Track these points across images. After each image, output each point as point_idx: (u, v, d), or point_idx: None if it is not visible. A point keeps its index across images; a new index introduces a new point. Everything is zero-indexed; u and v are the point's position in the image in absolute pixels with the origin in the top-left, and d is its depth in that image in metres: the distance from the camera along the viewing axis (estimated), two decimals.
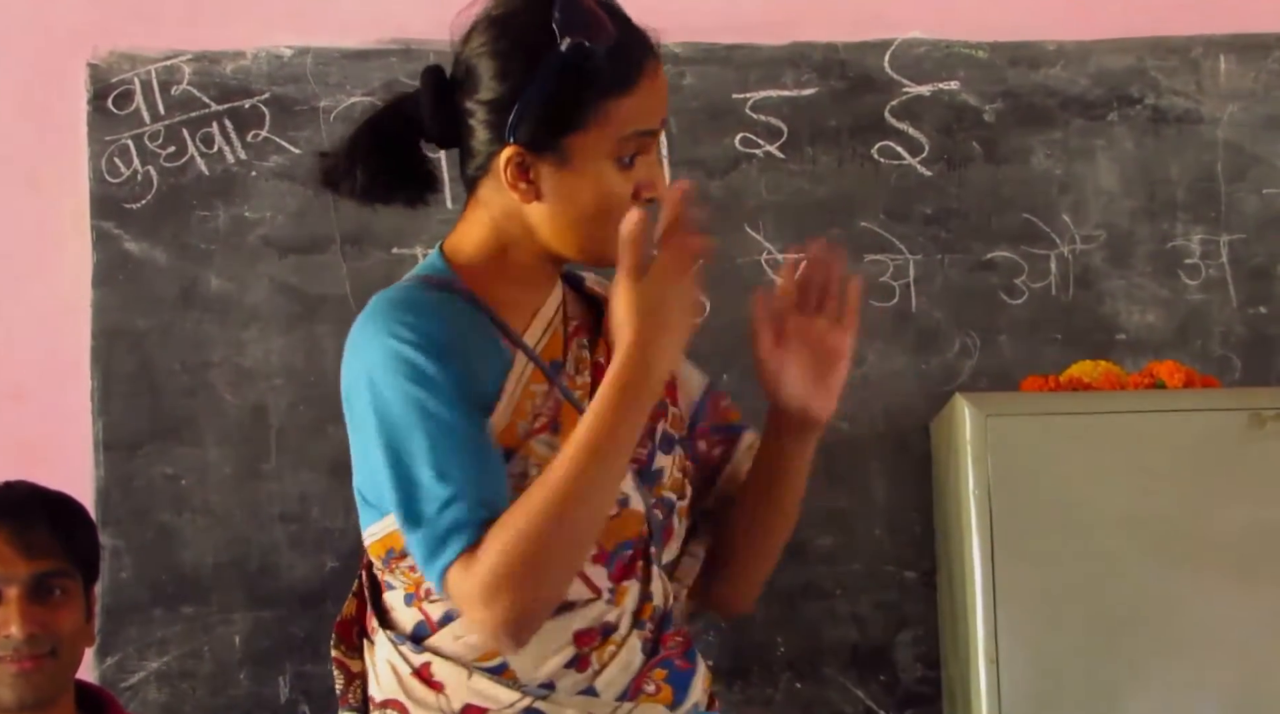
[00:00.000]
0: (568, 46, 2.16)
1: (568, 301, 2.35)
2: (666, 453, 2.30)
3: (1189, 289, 3.97)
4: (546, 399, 2.21)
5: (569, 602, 2.18)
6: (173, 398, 3.87)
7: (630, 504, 2.21)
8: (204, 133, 3.92)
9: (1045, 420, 3.49)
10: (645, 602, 2.24)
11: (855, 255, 3.93)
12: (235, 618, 3.84)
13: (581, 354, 2.29)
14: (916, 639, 3.88)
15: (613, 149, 2.17)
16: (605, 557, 2.19)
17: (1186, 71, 4.01)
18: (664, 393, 2.31)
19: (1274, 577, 3.41)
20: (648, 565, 2.26)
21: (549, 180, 2.20)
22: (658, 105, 2.22)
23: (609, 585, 2.21)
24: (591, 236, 2.20)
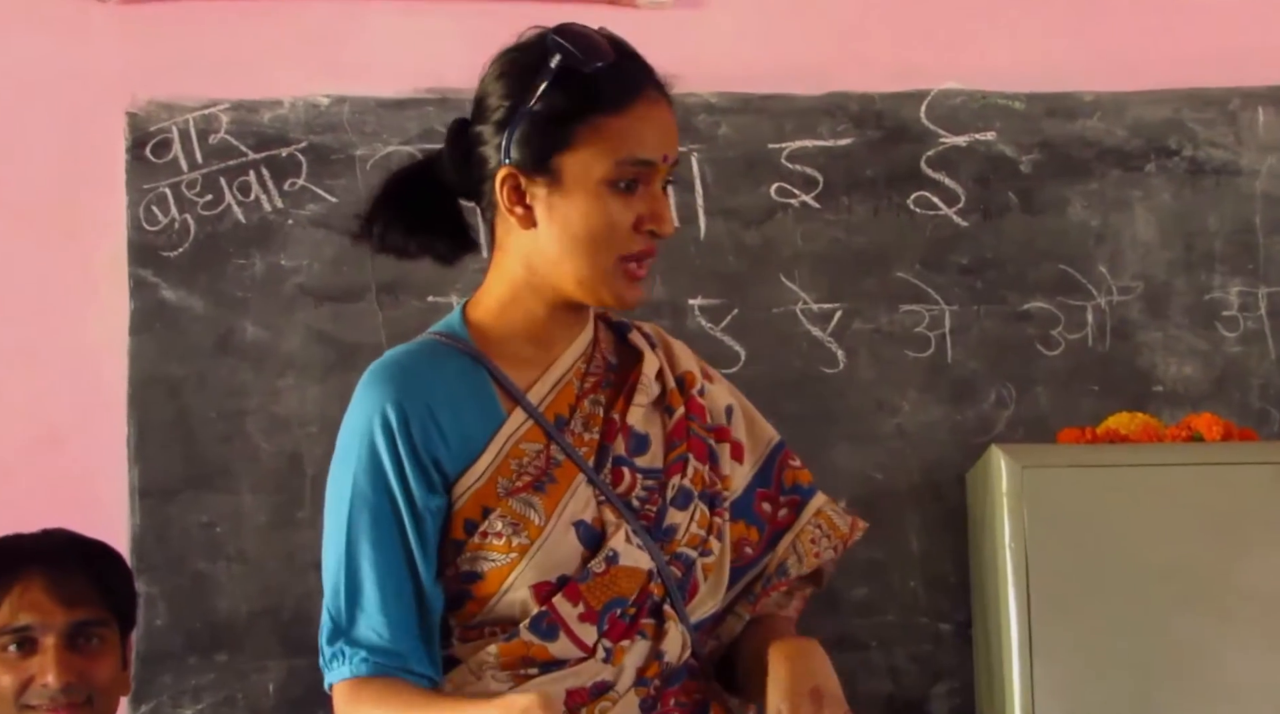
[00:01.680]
0: (557, 63, 2.18)
1: (599, 353, 2.34)
2: (682, 509, 2.28)
3: (1227, 341, 3.96)
4: (538, 457, 2.21)
5: (559, 660, 2.18)
6: (208, 445, 3.88)
7: (620, 561, 2.20)
8: (241, 181, 3.94)
9: (1082, 472, 3.47)
10: (654, 659, 2.23)
11: (890, 305, 3.93)
12: (269, 666, 3.83)
13: (594, 411, 2.28)
14: (952, 692, 3.86)
15: (606, 172, 2.17)
16: (594, 615, 2.18)
17: (1224, 123, 4.00)
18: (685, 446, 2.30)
19: None
20: (660, 623, 2.24)
21: (542, 203, 2.21)
22: (657, 136, 2.21)
23: (605, 644, 2.19)
24: (586, 263, 2.19)
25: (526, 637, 2.17)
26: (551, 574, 2.17)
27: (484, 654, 2.18)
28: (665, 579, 2.24)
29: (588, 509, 2.19)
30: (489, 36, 3.84)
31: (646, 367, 2.34)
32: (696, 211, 3.92)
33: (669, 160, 2.22)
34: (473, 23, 3.90)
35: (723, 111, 3.94)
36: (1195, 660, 3.37)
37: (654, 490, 2.25)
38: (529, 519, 2.16)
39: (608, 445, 2.25)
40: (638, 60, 2.23)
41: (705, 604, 2.31)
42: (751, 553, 2.40)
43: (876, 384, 3.92)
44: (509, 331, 2.27)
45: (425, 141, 3.92)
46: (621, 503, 2.22)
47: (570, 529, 2.18)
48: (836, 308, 3.93)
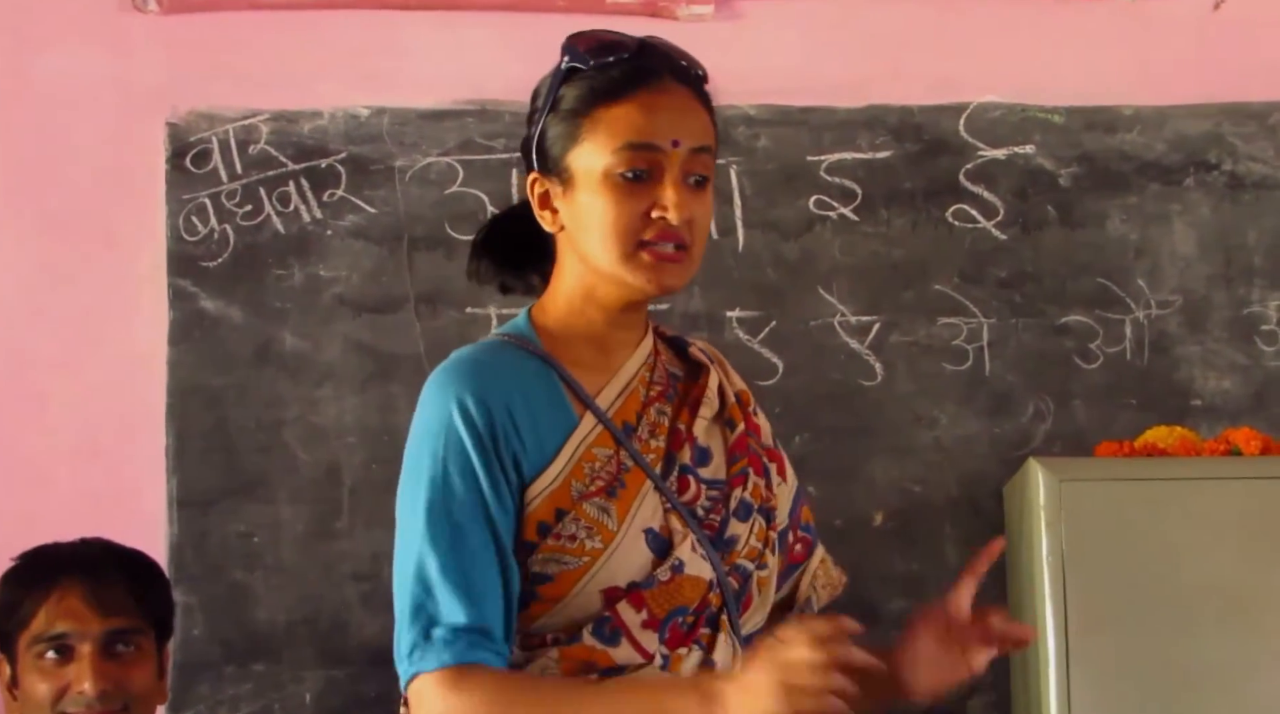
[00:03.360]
0: (565, 64, 2.19)
1: (660, 364, 2.34)
2: (743, 521, 2.28)
3: (1266, 355, 3.95)
4: (609, 462, 2.20)
5: (619, 666, 2.17)
6: (246, 456, 3.89)
7: (685, 570, 2.19)
8: (280, 192, 3.95)
9: (1120, 486, 3.47)
10: (705, 668, 2.23)
11: (929, 318, 3.93)
12: (306, 676, 3.84)
13: (659, 419, 2.28)
14: (988, 705, 3.85)
15: (608, 162, 2.16)
16: (657, 622, 2.18)
17: (1264, 137, 3.99)
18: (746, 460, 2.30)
19: None
20: (715, 633, 2.24)
21: (564, 204, 2.21)
22: (666, 121, 2.18)
23: (663, 651, 2.19)
24: (604, 255, 2.18)
25: (589, 641, 2.17)
26: (622, 580, 2.16)
27: (545, 658, 2.17)
28: (724, 590, 2.24)
29: (655, 516, 2.19)
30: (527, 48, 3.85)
31: (710, 381, 2.34)
32: (735, 223, 3.92)
33: (681, 146, 2.17)
34: (511, 34, 3.91)
35: (762, 124, 3.95)
36: (1233, 675, 3.37)
37: (718, 501, 2.25)
38: (603, 524, 2.15)
39: (674, 454, 2.25)
40: (657, 55, 2.22)
41: (756, 617, 2.31)
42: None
43: (914, 397, 3.91)
44: (573, 336, 2.27)
45: (464, 153, 3.93)
46: (687, 512, 2.22)
47: (641, 535, 2.17)
48: (874, 320, 3.93)
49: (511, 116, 3.91)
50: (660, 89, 2.18)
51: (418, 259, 3.92)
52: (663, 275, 2.19)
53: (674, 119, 2.18)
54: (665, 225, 2.16)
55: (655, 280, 2.19)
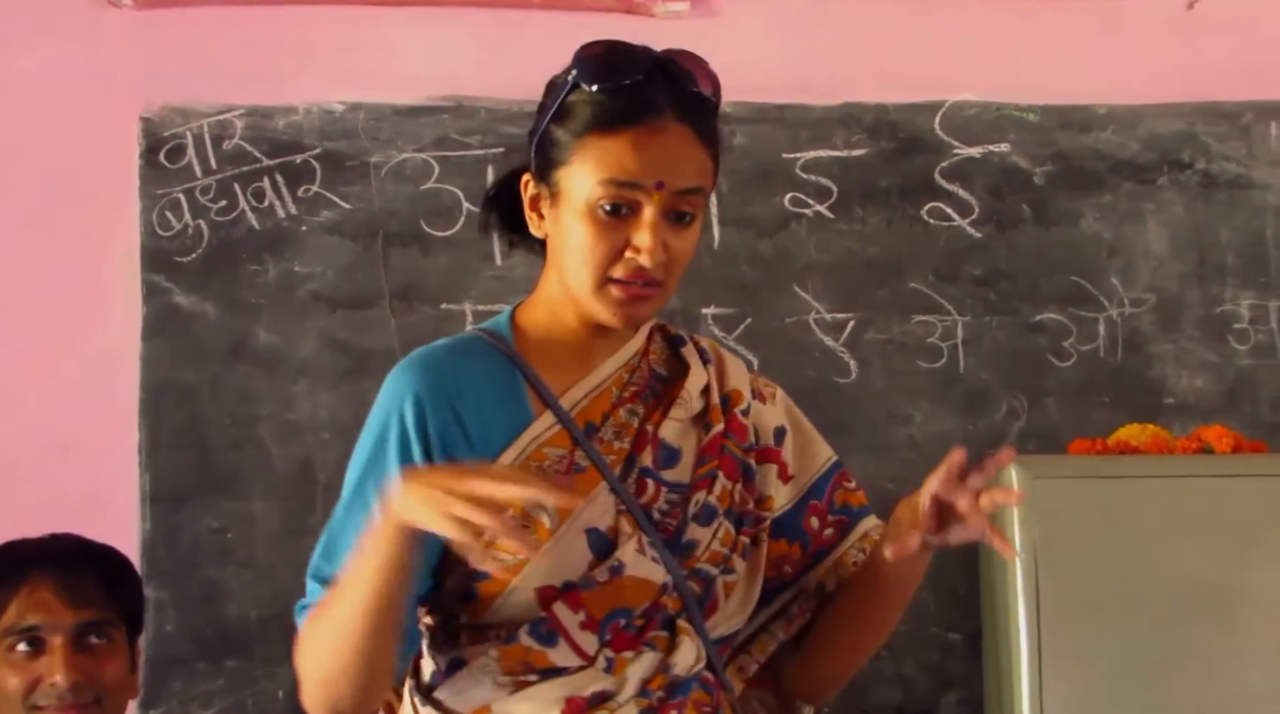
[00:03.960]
0: (572, 78, 2.18)
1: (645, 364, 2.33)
2: (704, 525, 2.26)
3: (1238, 354, 3.96)
4: (560, 462, 2.20)
5: (558, 667, 2.17)
6: (220, 451, 3.88)
7: (626, 572, 2.19)
8: (255, 187, 3.94)
9: (1092, 483, 3.48)
10: (661, 672, 2.22)
11: (903, 316, 3.94)
12: (279, 672, 3.83)
13: (629, 420, 2.27)
14: (961, 702, 3.86)
15: (592, 193, 2.15)
16: (596, 624, 2.17)
17: (1237, 137, 4.01)
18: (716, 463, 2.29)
19: None
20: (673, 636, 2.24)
21: (549, 214, 2.21)
22: (653, 161, 2.15)
23: (607, 654, 2.19)
24: (574, 280, 2.18)
25: (526, 641, 2.17)
26: (558, 579, 2.16)
27: (486, 657, 2.18)
28: (682, 593, 2.23)
29: (605, 517, 2.18)
30: (503, 44, 3.88)
31: (690, 381, 2.32)
32: (711, 221, 3.93)
33: (666, 188, 2.14)
34: (487, 30, 3.91)
35: (738, 121, 3.95)
36: (1204, 671, 3.38)
37: (676, 504, 2.24)
38: (540, 521, 2.15)
39: (635, 456, 2.24)
40: (670, 83, 2.19)
41: (730, 621, 2.30)
42: (790, 571, 2.38)
43: (889, 394, 3.92)
44: (552, 336, 2.27)
45: (440, 148, 3.93)
46: (641, 514, 2.22)
47: (582, 535, 2.17)
48: (849, 318, 3.94)
49: (487, 113, 3.91)
50: (657, 128, 2.16)
51: (393, 255, 3.92)
52: (630, 311, 2.19)
53: (663, 160, 2.16)
54: (637, 266, 2.16)
55: (621, 315, 2.19)
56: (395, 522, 1.99)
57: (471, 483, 1.92)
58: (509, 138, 3.79)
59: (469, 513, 1.89)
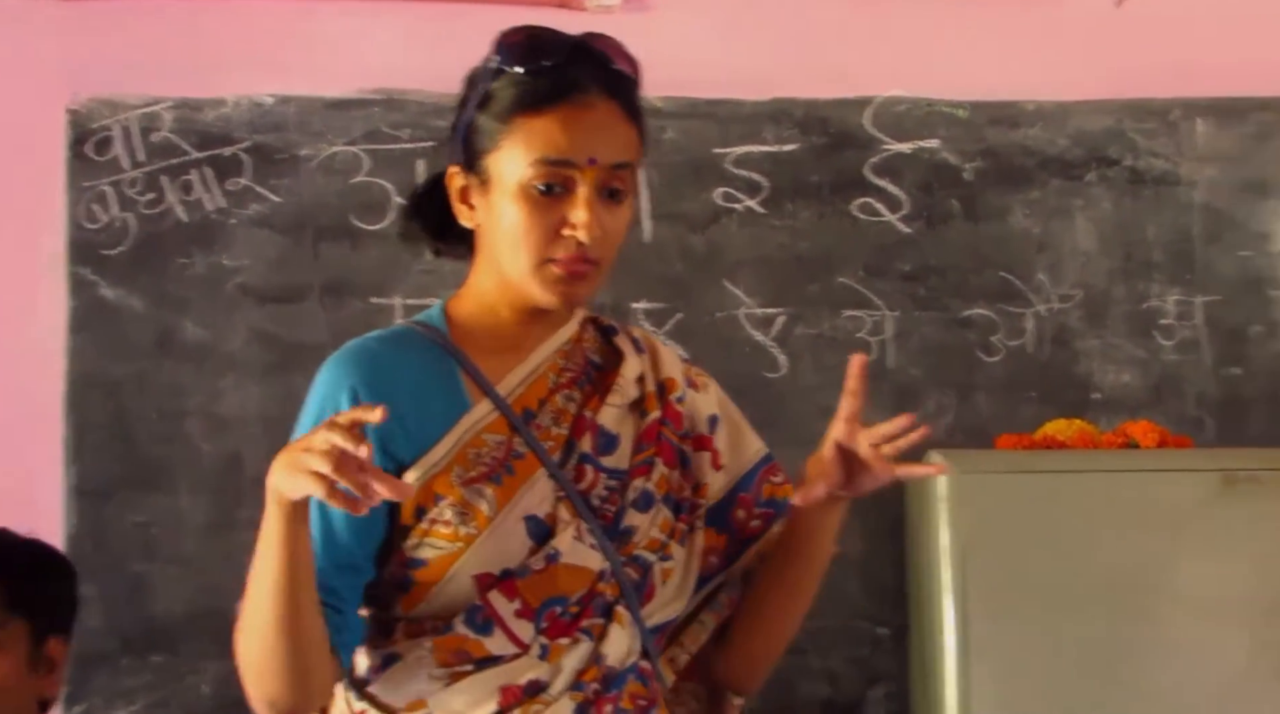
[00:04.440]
0: (495, 64, 2.18)
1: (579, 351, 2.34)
2: (642, 511, 2.27)
3: (1164, 350, 3.99)
4: (499, 448, 2.20)
5: (494, 656, 2.17)
6: (147, 446, 3.86)
7: (562, 559, 2.19)
8: (183, 180, 3.92)
9: (1019, 478, 3.50)
10: (594, 663, 2.22)
11: (833, 311, 3.95)
12: (205, 667, 3.82)
13: (566, 406, 2.27)
14: (888, 695, 3.88)
15: (523, 174, 2.15)
16: (531, 612, 2.17)
17: (1164, 134, 4.04)
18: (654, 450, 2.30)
19: (1244, 634, 3.42)
20: (607, 623, 2.24)
21: (480, 203, 2.21)
22: (584, 138, 2.16)
23: (541, 641, 2.19)
24: (511, 264, 2.18)
25: (461, 630, 2.16)
26: (495, 566, 2.16)
27: (421, 649, 2.17)
28: (620, 580, 2.23)
29: (543, 504, 2.18)
30: (434, 38, 3.87)
31: (626, 368, 2.33)
32: (641, 216, 3.93)
33: (598, 164, 2.15)
34: (418, 24, 3.90)
35: (669, 116, 3.95)
36: (1129, 664, 3.40)
37: (615, 491, 2.24)
38: (478, 508, 2.15)
39: (574, 442, 2.24)
40: (592, 62, 2.21)
41: (667, 609, 2.30)
42: (716, 562, 2.39)
43: (818, 389, 3.93)
44: (485, 325, 2.26)
45: (370, 142, 3.92)
46: (580, 500, 2.22)
47: (520, 523, 2.17)
48: (779, 313, 3.95)
49: (418, 106, 3.90)
50: (584, 104, 2.17)
51: (322, 248, 3.91)
52: (569, 290, 2.19)
53: (593, 136, 2.16)
54: (574, 244, 2.16)
55: (562, 295, 2.18)
56: (275, 498, 1.99)
57: (315, 437, 1.92)
58: (439, 131, 3.78)
59: (319, 464, 1.89)
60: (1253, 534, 3.46)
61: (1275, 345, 4.00)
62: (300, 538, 2.03)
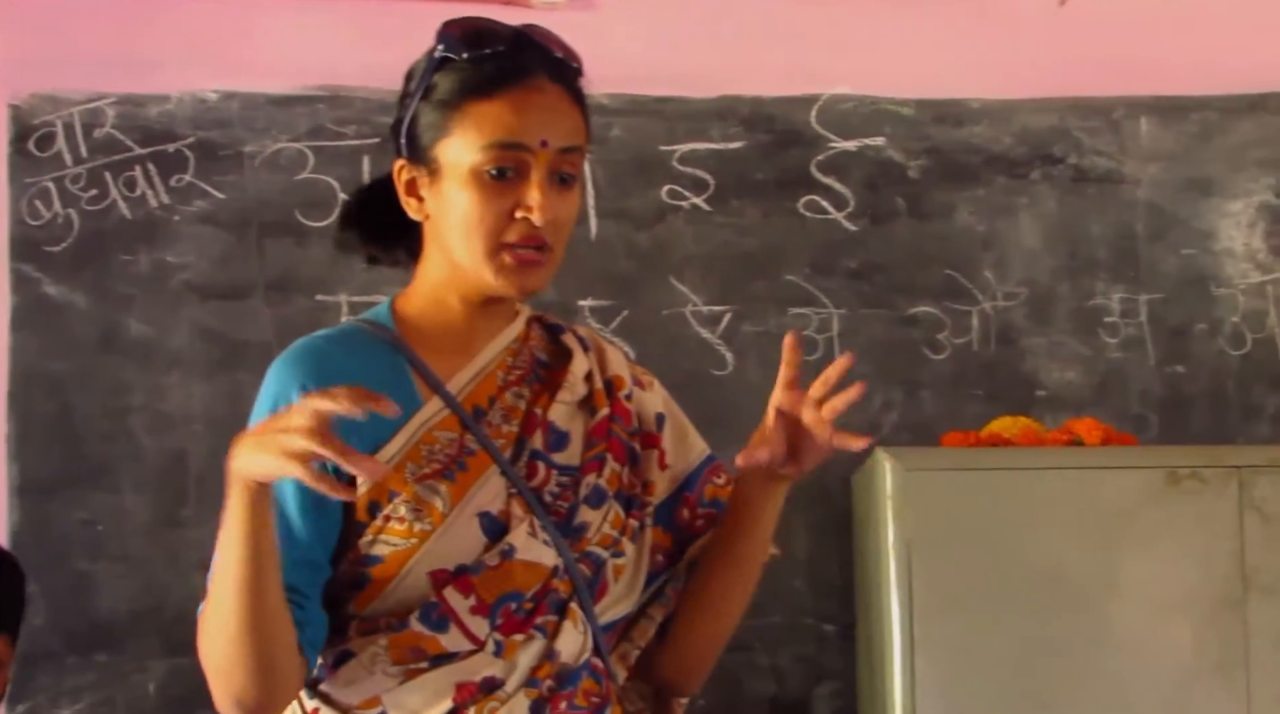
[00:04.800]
0: (439, 53, 2.18)
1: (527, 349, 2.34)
2: (595, 507, 2.27)
3: (1108, 347, 4.01)
4: (451, 445, 2.20)
5: (449, 653, 2.17)
6: (91, 443, 3.84)
7: (516, 555, 2.19)
8: (127, 176, 3.90)
9: (965, 476, 3.51)
10: (546, 659, 2.22)
11: (779, 308, 3.95)
12: (150, 666, 3.80)
13: (515, 404, 2.27)
14: (835, 693, 3.89)
15: (475, 159, 2.15)
16: (486, 608, 2.17)
17: (1108, 132, 4.05)
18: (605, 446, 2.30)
19: (1188, 631, 3.44)
20: (561, 620, 2.24)
21: (429, 193, 2.20)
22: (536, 120, 2.17)
23: (496, 638, 2.19)
24: (465, 252, 2.18)
25: (417, 628, 2.16)
26: (450, 563, 2.15)
27: (375, 647, 2.16)
28: (573, 576, 2.23)
29: (496, 501, 2.18)
30: (380, 33, 3.86)
31: (575, 366, 2.33)
32: (588, 213, 3.93)
33: (550, 146, 2.15)
34: (363, 19, 3.89)
35: (615, 113, 3.95)
36: (1074, 660, 3.41)
37: (567, 487, 2.24)
38: (433, 505, 2.14)
39: (525, 439, 2.24)
40: (532, 50, 2.21)
41: (618, 605, 2.30)
42: (663, 560, 2.39)
43: (765, 387, 3.86)
44: (433, 323, 2.26)
45: (315, 138, 3.91)
46: (533, 497, 2.22)
47: (474, 519, 2.17)
48: (726, 310, 3.95)
49: (363, 102, 3.89)
50: (532, 87, 2.17)
51: (267, 245, 3.89)
52: (524, 278, 2.19)
53: (544, 119, 2.17)
54: (528, 227, 2.16)
55: (516, 283, 2.18)
56: (240, 484, 1.97)
57: (289, 417, 1.91)
58: (385, 128, 3.71)
59: (298, 442, 1.88)
60: (1196, 531, 3.47)
61: (1219, 343, 4.02)
62: (267, 526, 2.01)
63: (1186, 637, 3.44)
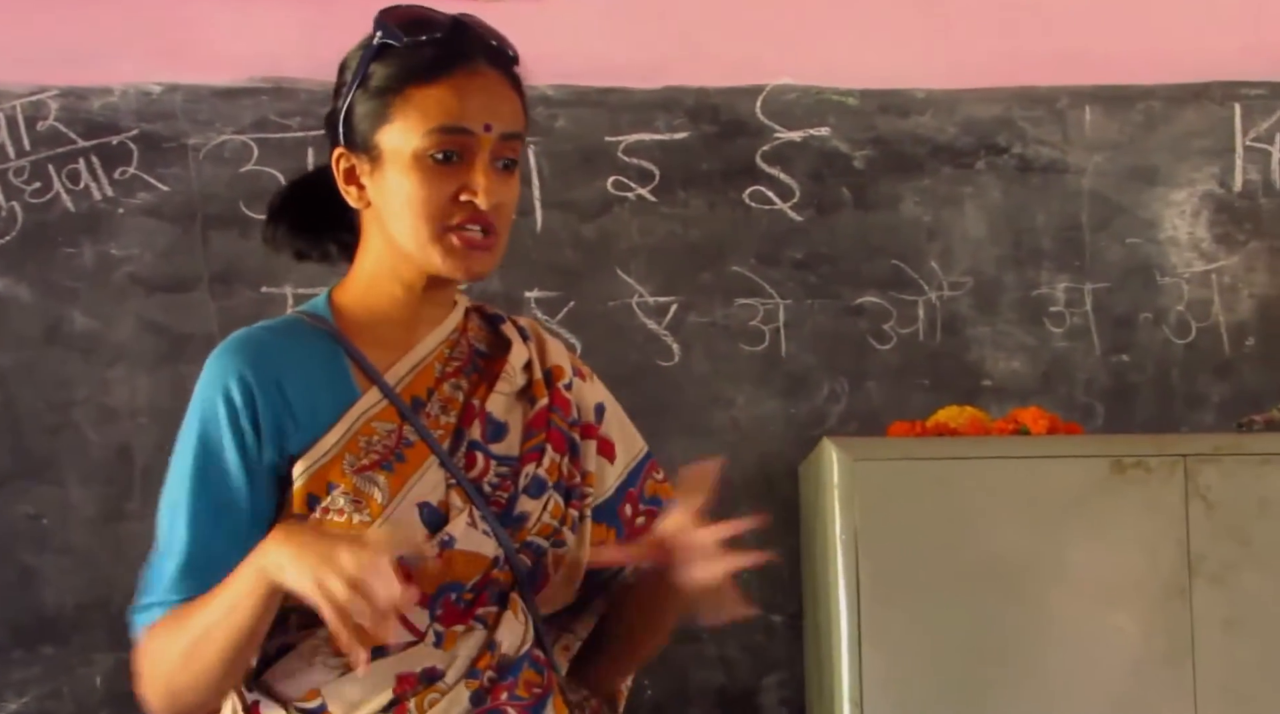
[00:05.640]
0: (378, 40, 2.18)
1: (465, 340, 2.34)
2: (534, 497, 2.28)
3: (1053, 337, 4.02)
4: (389, 436, 2.20)
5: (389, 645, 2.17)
6: (35, 436, 3.83)
7: (456, 545, 2.19)
8: (70, 169, 3.88)
9: (912, 465, 3.51)
10: (487, 650, 2.23)
11: (726, 299, 3.95)
12: (96, 659, 3.79)
13: (454, 395, 2.28)
14: (782, 682, 3.90)
15: (418, 144, 2.15)
16: (426, 599, 2.18)
17: (1052, 122, 4.06)
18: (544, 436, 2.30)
19: (1134, 619, 3.46)
20: (502, 610, 2.24)
21: (371, 182, 2.20)
22: (475, 104, 2.18)
23: (437, 628, 2.19)
24: (410, 237, 2.18)
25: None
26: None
27: (315, 639, 2.16)
28: (514, 566, 2.24)
29: (436, 491, 2.19)
30: (324, 25, 3.84)
31: (513, 356, 2.33)
32: (533, 204, 3.92)
33: (493, 131, 2.16)
34: (307, 11, 3.88)
35: (559, 104, 3.95)
36: (1020, 649, 3.43)
37: (507, 477, 2.24)
38: (372, 496, 2.14)
39: (463, 430, 2.24)
40: (471, 36, 2.21)
41: (559, 596, 2.31)
42: None
43: (711, 377, 3.94)
44: (372, 314, 2.26)
45: (259, 130, 3.90)
46: (472, 487, 2.22)
47: (414, 510, 2.17)
48: (672, 301, 3.95)
49: (307, 94, 3.88)
50: (474, 72, 2.18)
51: (212, 238, 3.88)
52: (470, 262, 2.19)
53: (486, 103, 2.18)
54: (473, 210, 2.16)
55: (462, 267, 2.19)
56: (264, 575, 2.00)
57: (346, 558, 1.92)
58: None
59: (341, 592, 1.91)
60: (1141, 519, 3.48)
61: (1163, 332, 4.04)
62: (270, 613, 2.05)
63: (1133, 624, 3.46)
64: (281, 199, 2.36)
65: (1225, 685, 3.44)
